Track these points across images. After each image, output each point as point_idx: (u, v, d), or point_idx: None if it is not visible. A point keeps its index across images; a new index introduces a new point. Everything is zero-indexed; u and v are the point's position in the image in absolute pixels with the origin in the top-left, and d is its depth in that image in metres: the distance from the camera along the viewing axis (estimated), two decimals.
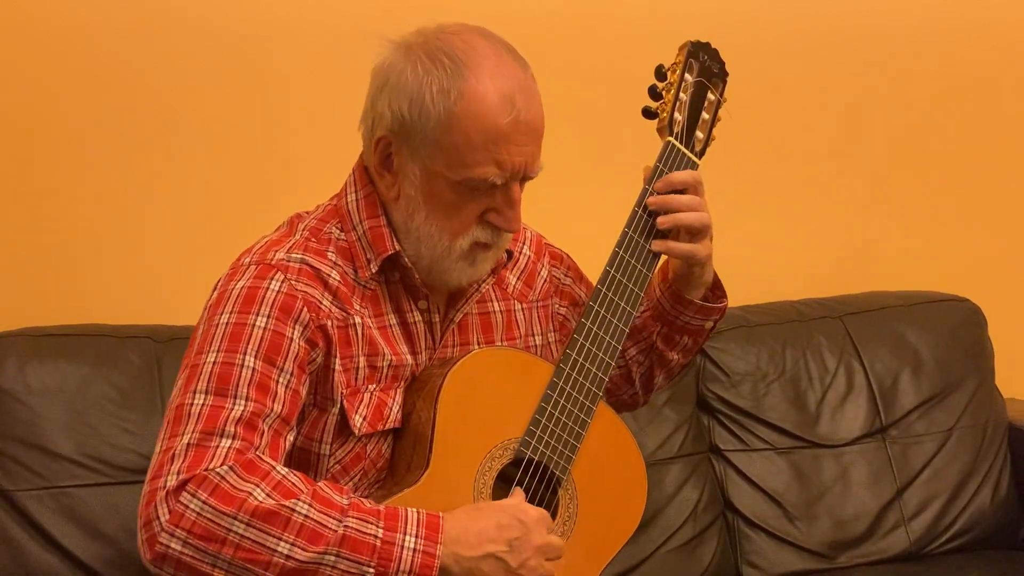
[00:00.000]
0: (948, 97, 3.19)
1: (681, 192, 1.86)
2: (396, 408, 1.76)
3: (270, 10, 2.66)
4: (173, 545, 1.49)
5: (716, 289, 1.98)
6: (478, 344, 1.86)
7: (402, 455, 1.76)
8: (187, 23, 2.60)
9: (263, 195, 2.64)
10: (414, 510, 1.58)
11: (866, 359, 2.81)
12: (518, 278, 1.95)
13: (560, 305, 2.00)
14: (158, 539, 1.49)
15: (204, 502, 1.49)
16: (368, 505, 1.57)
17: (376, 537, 1.53)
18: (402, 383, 1.78)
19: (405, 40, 1.73)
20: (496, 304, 1.91)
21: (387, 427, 1.75)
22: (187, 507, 1.49)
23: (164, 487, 1.51)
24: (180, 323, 2.40)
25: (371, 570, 1.52)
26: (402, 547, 1.54)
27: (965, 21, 3.18)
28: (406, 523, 1.56)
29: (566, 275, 2.02)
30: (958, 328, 2.91)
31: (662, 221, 1.84)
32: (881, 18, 3.12)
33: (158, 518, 1.50)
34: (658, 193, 1.85)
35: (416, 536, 1.55)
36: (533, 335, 1.95)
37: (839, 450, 2.74)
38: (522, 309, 1.94)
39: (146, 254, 2.60)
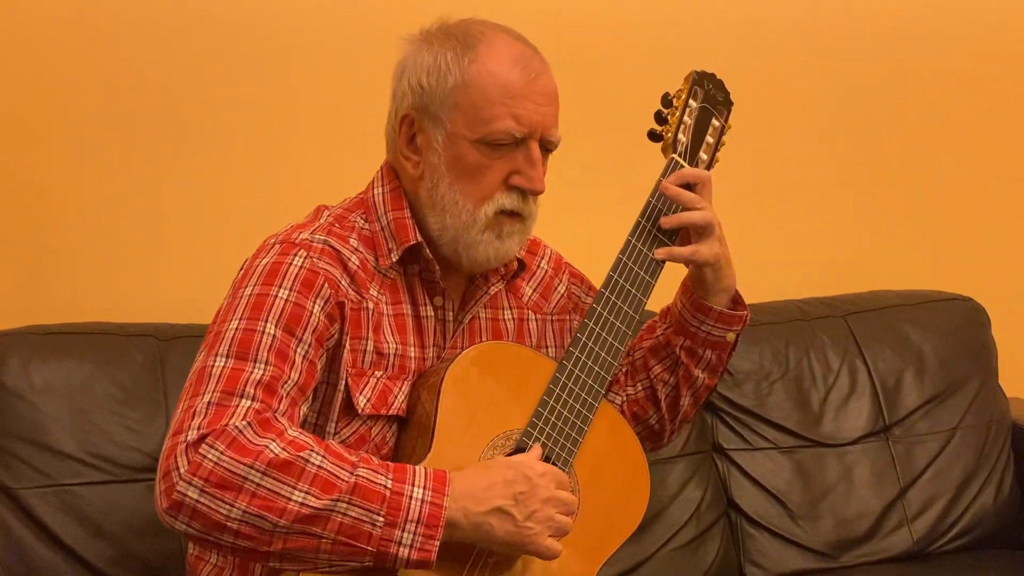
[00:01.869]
0: (952, 95, 3.19)
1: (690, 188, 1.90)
2: (401, 397, 1.79)
3: (278, 10, 2.66)
4: (190, 493, 1.53)
5: (735, 301, 2.00)
6: None
7: (406, 444, 1.79)
8: (195, 23, 2.61)
9: (267, 195, 2.65)
10: (421, 466, 1.63)
11: (869, 358, 2.81)
12: (534, 289, 1.99)
13: (578, 322, 2.01)
14: (176, 487, 1.53)
15: (222, 452, 1.54)
16: (376, 460, 1.62)
17: (386, 487, 1.57)
18: (410, 376, 1.81)
19: (422, 31, 1.82)
20: (509, 312, 1.94)
21: (391, 412, 1.79)
22: (205, 457, 1.54)
23: (185, 440, 1.56)
24: (184, 321, 2.40)
25: (380, 518, 1.56)
26: (411, 497, 1.58)
27: (966, 18, 3.18)
28: (414, 476, 1.61)
29: (586, 294, 2.05)
30: (961, 327, 2.91)
31: (666, 221, 1.87)
32: (883, 16, 3.12)
33: (177, 468, 1.54)
34: (659, 206, 1.88)
35: (424, 488, 1.59)
36: (545, 347, 1.98)
37: (842, 449, 2.73)
38: (536, 319, 1.97)
39: (150, 253, 2.61)
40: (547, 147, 1.80)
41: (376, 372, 1.78)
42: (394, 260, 1.80)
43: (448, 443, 1.71)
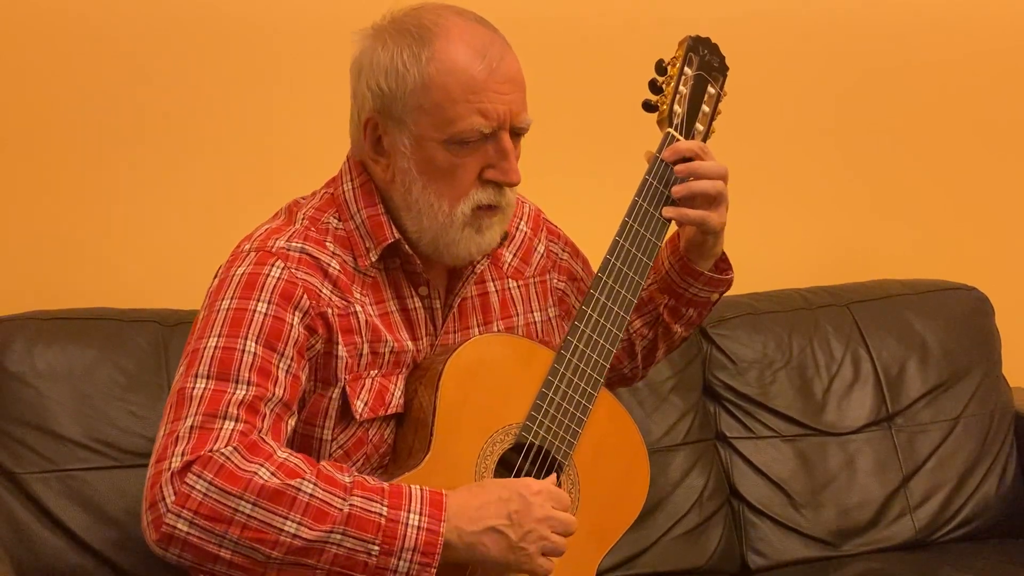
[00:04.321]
0: (955, 86, 3.19)
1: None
2: (398, 394, 1.77)
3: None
4: (180, 526, 1.50)
5: (722, 261, 1.98)
6: (478, 327, 1.87)
7: (404, 441, 1.77)
8: (192, 17, 2.61)
9: (267, 182, 2.64)
10: (417, 487, 1.59)
11: (873, 347, 2.80)
12: (514, 255, 1.95)
13: (558, 280, 2.00)
14: (164, 520, 1.50)
15: (210, 483, 1.50)
16: (371, 483, 1.58)
17: (381, 515, 1.54)
18: (404, 370, 1.78)
19: (374, 26, 1.75)
20: (493, 284, 1.91)
21: (389, 412, 1.76)
22: (193, 488, 1.50)
23: (169, 468, 1.52)
24: (187, 307, 2.39)
25: (376, 547, 1.53)
26: (406, 524, 1.55)
27: (972, 9, 3.17)
28: (410, 501, 1.57)
29: (563, 250, 2.02)
30: (965, 317, 2.90)
31: (677, 191, 1.84)
32: (889, 7, 3.11)
33: (164, 499, 1.50)
34: (667, 162, 1.85)
35: (420, 513, 1.56)
36: (532, 311, 1.95)
37: (845, 438, 2.73)
38: (518, 286, 1.94)
39: (153, 238, 2.61)
40: (518, 132, 1.75)
41: (371, 371, 1.75)
42: (373, 260, 1.76)
43: (447, 440, 1.70)
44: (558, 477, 1.78)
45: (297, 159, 2.67)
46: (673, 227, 1.92)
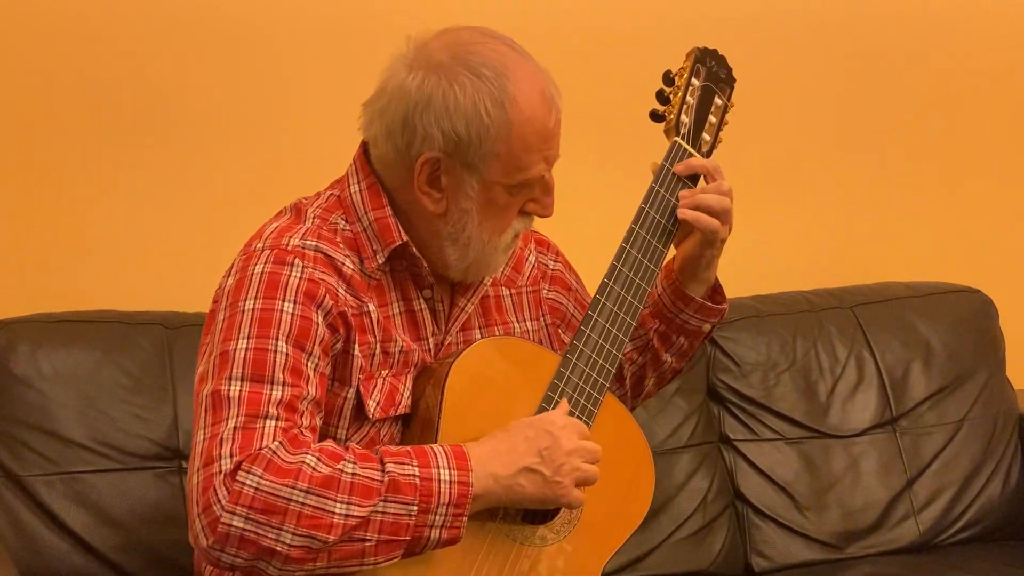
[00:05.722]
0: (958, 86, 3.19)
1: (695, 178, 1.89)
2: (406, 394, 1.78)
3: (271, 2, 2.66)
4: (235, 523, 1.51)
5: (716, 294, 1.99)
6: (480, 330, 1.89)
7: (410, 440, 1.78)
8: (192, 17, 2.61)
9: (270, 183, 2.64)
10: (437, 445, 1.63)
11: (877, 350, 2.80)
12: (506, 264, 1.95)
13: (549, 290, 2.01)
14: (220, 519, 1.51)
15: (261, 477, 1.52)
16: (396, 448, 1.62)
17: (415, 476, 1.58)
18: (412, 370, 1.80)
19: (428, 59, 1.72)
20: (488, 290, 1.92)
21: (399, 412, 1.77)
22: (244, 484, 1.52)
23: (220, 471, 1.53)
24: (191, 310, 2.40)
25: (415, 507, 1.57)
26: (439, 481, 1.59)
27: (974, 10, 3.17)
28: (436, 457, 1.61)
29: (555, 261, 2.04)
30: (969, 319, 2.90)
31: (683, 211, 1.85)
32: (889, 6, 3.11)
33: (218, 500, 1.52)
34: (679, 175, 1.87)
35: (449, 468, 1.60)
36: (525, 320, 1.96)
37: (849, 440, 2.73)
38: (510, 295, 1.95)
39: (157, 241, 2.61)
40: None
41: (383, 371, 1.76)
42: (380, 262, 1.77)
43: (452, 441, 1.69)
44: None
45: (299, 160, 2.68)
46: (671, 250, 1.92)
